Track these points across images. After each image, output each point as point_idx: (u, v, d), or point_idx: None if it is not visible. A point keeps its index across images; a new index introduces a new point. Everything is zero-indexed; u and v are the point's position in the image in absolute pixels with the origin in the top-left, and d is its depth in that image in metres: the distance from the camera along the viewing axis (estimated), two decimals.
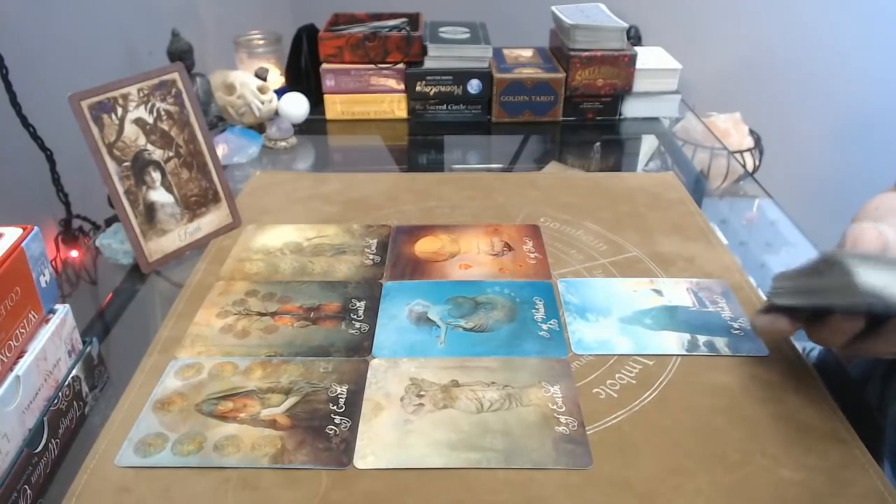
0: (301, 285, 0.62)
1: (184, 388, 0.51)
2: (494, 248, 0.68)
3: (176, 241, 0.67)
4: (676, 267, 0.65)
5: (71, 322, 0.49)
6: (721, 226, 0.76)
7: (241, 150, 0.91)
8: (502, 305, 0.60)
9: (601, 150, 1.01)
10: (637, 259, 0.67)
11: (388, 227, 0.72)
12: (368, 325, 0.57)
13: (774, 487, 0.42)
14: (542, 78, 1.02)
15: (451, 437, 0.46)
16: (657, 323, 0.57)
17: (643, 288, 0.62)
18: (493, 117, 1.05)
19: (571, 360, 0.53)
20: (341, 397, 0.49)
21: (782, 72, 1.69)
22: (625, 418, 0.48)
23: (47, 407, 0.45)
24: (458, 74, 1.02)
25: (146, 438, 0.46)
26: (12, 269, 0.43)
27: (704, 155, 1.00)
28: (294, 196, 0.80)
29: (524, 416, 0.48)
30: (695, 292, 0.61)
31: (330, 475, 0.43)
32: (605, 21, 1.04)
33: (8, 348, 0.42)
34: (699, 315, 0.58)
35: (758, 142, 1.28)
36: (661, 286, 0.62)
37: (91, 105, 0.60)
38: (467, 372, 0.52)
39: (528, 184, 0.83)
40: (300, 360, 0.53)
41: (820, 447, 0.45)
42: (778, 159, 1.36)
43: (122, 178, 0.62)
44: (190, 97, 0.67)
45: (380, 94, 1.04)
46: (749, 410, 0.48)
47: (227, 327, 0.57)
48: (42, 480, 0.43)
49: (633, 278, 0.64)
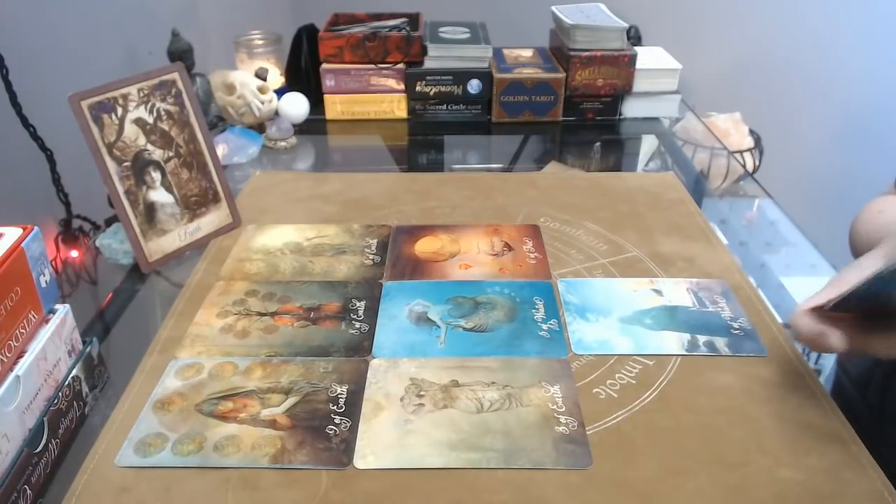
0: (301, 285, 0.62)
1: (184, 388, 0.51)
2: (494, 248, 0.68)
3: (176, 241, 0.67)
4: (676, 267, 0.65)
5: (71, 322, 0.49)
6: (721, 226, 0.76)
7: (241, 150, 0.91)
8: (502, 305, 0.60)
9: (601, 150, 1.01)
10: (637, 259, 0.67)
11: (388, 227, 0.72)
12: (368, 325, 0.57)
13: (774, 487, 0.42)
14: (542, 78, 1.02)
15: (451, 437, 0.46)
16: (657, 323, 0.57)
17: (643, 288, 0.62)
18: (493, 117, 1.05)
19: (571, 360, 0.53)
20: (341, 397, 0.49)
21: (782, 72, 1.69)
22: (625, 418, 0.48)
23: (47, 407, 0.45)
24: (458, 74, 1.02)
25: (146, 438, 0.46)
26: (12, 269, 0.43)
27: (704, 155, 1.00)
28: (294, 196, 0.80)
29: (524, 416, 0.48)
30: (695, 292, 0.61)
31: (330, 475, 0.43)
32: (605, 21, 1.04)
33: (8, 348, 0.42)
34: (699, 315, 0.58)
35: (758, 142, 1.28)
36: (661, 286, 0.62)
37: (91, 105, 0.60)
38: (467, 372, 0.52)
39: (528, 184, 0.83)
40: (300, 360, 0.53)
41: (820, 447, 0.45)
42: (778, 159, 1.36)
43: (122, 178, 0.62)
44: (190, 97, 0.67)
45: (380, 94, 1.04)
46: (749, 410, 0.48)
47: (227, 327, 0.57)
48: (42, 480, 0.43)
49: (633, 278, 0.64)
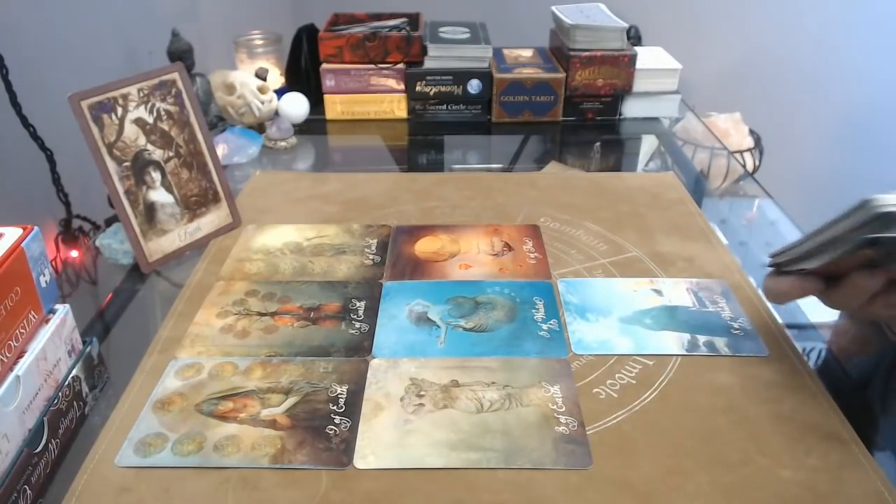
0: (301, 285, 0.62)
1: (184, 388, 0.51)
2: (494, 248, 0.68)
3: (176, 241, 0.67)
4: (676, 267, 0.65)
5: (71, 322, 0.49)
6: (721, 226, 0.76)
7: (241, 150, 0.91)
8: (502, 305, 0.60)
9: (601, 150, 1.01)
10: (637, 259, 0.67)
11: (388, 227, 0.72)
12: (368, 325, 0.57)
13: (774, 487, 0.42)
14: (542, 78, 1.02)
15: (451, 437, 0.46)
16: (657, 323, 0.57)
17: (643, 288, 0.62)
18: (493, 117, 1.05)
19: (571, 360, 0.53)
20: (341, 397, 0.49)
21: (782, 72, 1.69)
22: (625, 418, 0.48)
23: (47, 407, 0.45)
24: (458, 74, 1.02)
25: (146, 438, 0.46)
26: (12, 269, 0.43)
27: (704, 155, 1.00)
28: (294, 196, 0.80)
29: (524, 416, 0.48)
30: (695, 292, 0.61)
31: (330, 475, 0.43)
32: (605, 21, 1.04)
33: (8, 348, 0.42)
34: (699, 315, 0.58)
35: (758, 142, 1.28)
36: (661, 286, 0.62)
37: (91, 105, 0.60)
38: (467, 372, 0.52)
39: (528, 184, 0.83)
40: (300, 360, 0.53)
41: (820, 447, 0.45)
42: (778, 159, 1.36)
43: (122, 178, 0.62)
44: (190, 97, 0.67)
45: (380, 94, 1.04)
46: (749, 410, 0.48)
47: (227, 327, 0.57)
48: (42, 480, 0.43)
49: (633, 278, 0.64)
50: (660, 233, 0.71)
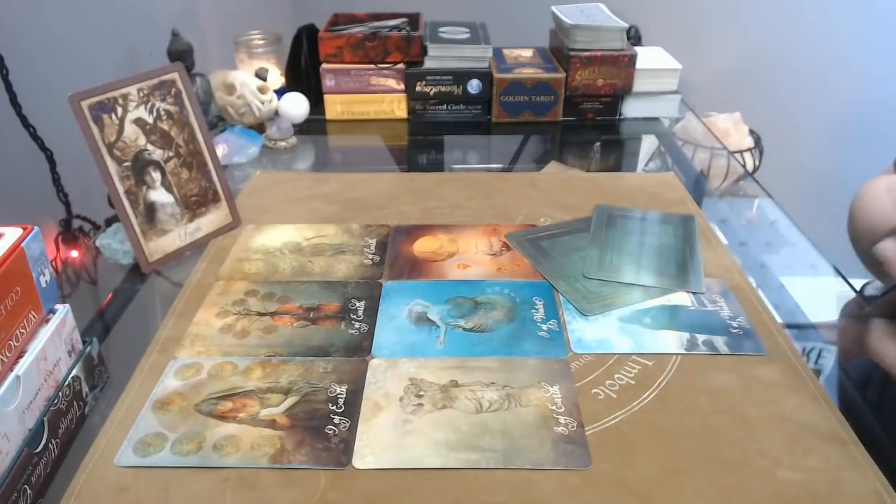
0: (300, 285, 0.62)
1: (183, 387, 0.51)
2: (493, 247, 0.68)
3: (176, 241, 0.67)
4: None
5: (71, 322, 0.49)
6: (721, 226, 0.76)
7: (241, 150, 0.91)
8: (502, 305, 0.60)
9: (601, 150, 1.01)
10: None
11: (387, 226, 0.72)
12: (368, 325, 0.57)
13: (774, 488, 0.42)
14: (542, 78, 1.02)
15: (450, 437, 0.46)
16: (657, 322, 0.57)
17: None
18: (493, 117, 1.05)
19: (571, 360, 0.53)
20: (340, 397, 0.49)
21: (782, 72, 1.69)
22: (624, 418, 0.48)
23: (47, 407, 0.45)
24: (458, 74, 1.02)
25: (145, 438, 0.46)
26: (12, 269, 0.43)
27: (704, 155, 1.00)
28: (294, 196, 0.80)
29: (523, 417, 0.48)
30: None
31: (328, 475, 0.44)
32: (605, 21, 1.04)
33: (8, 348, 0.42)
34: (698, 314, 0.58)
35: (758, 142, 1.28)
36: None
37: (91, 105, 0.60)
38: (467, 372, 0.52)
39: (528, 184, 0.83)
40: (300, 360, 0.53)
41: (820, 447, 0.45)
42: (778, 159, 1.36)
43: (122, 178, 0.62)
44: (190, 97, 0.67)
45: (380, 94, 1.04)
46: (749, 410, 0.48)
47: (226, 327, 0.57)
48: (42, 480, 0.43)
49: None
50: None
